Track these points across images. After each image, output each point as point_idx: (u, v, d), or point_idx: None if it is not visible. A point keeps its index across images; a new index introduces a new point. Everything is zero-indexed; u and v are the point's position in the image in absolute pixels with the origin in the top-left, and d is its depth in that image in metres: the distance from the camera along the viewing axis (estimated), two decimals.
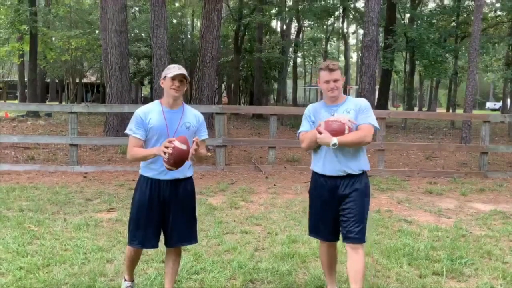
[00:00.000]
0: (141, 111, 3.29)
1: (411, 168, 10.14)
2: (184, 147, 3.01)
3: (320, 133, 3.22)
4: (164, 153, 2.99)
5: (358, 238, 3.29)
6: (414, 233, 5.39)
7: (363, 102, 3.43)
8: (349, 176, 3.34)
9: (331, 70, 3.32)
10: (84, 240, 4.82)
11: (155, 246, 3.36)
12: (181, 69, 3.26)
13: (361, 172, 3.39)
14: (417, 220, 6.03)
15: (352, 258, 3.30)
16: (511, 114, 18.48)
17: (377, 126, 3.41)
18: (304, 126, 3.48)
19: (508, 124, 19.72)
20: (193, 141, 3.10)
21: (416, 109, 42.51)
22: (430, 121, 25.73)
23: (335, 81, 3.32)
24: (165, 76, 3.25)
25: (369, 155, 11.04)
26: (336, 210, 3.36)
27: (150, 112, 3.26)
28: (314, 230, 3.52)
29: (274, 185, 8.20)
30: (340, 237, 3.44)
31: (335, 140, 3.16)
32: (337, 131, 3.18)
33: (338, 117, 3.26)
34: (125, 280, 3.61)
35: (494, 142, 15.07)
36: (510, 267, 4.35)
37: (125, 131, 3.32)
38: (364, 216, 3.36)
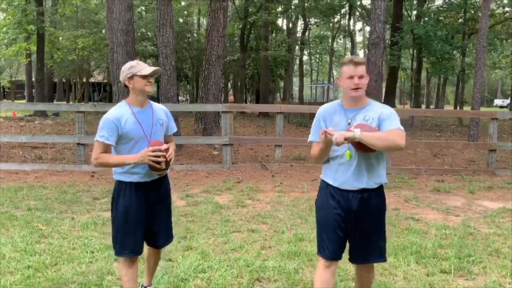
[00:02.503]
0: (112, 116, 3.04)
1: (418, 166, 10.08)
2: (164, 151, 3.03)
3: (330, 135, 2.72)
4: (159, 163, 2.99)
5: (381, 257, 3.06)
6: (421, 231, 5.37)
7: (387, 109, 2.90)
8: (363, 190, 2.92)
9: (356, 64, 2.82)
10: (91, 239, 4.84)
11: (142, 252, 3.26)
12: (152, 67, 3.15)
13: (377, 186, 2.99)
14: (425, 218, 6.00)
15: (363, 278, 3.14)
16: None
17: (403, 131, 2.84)
18: (314, 134, 2.98)
19: None
20: (169, 153, 3.05)
21: (423, 106, 42.30)
22: (438, 119, 25.56)
23: (361, 77, 2.82)
24: (133, 75, 3.05)
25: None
26: (345, 226, 2.96)
27: (122, 116, 3.06)
28: (326, 246, 3.00)
29: (281, 183, 8.19)
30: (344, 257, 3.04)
31: (358, 132, 2.67)
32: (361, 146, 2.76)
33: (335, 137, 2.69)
34: None
35: (502, 139, 14.94)
36: None
37: (96, 138, 3.05)
38: (384, 234, 3.08)
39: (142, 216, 3.16)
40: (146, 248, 3.40)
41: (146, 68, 3.09)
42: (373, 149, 2.78)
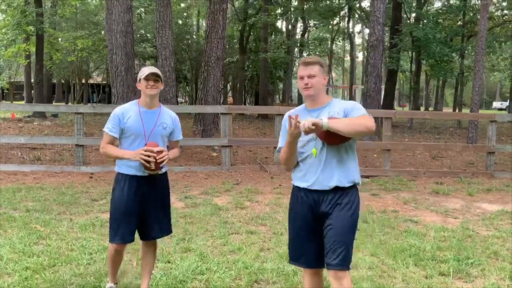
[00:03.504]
0: (119, 110, 3.39)
1: (417, 168, 10.09)
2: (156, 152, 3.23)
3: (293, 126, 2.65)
4: (148, 162, 3.22)
5: (340, 264, 2.71)
6: (420, 233, 5.36)
7: (351, 102, 2.90)
8: (336, 189, 2.78)
9: (306, 64, 2.82)
10: (90, 240, 4.83)
11: (133, 240, 3.46)
12: (153, 69, 3.39)
13: (351, 185, 2.83)
14: (424, 221, 6.00)
15: (334, 285, 2.76)
16: None
17: (370, 115, 2.79)
18: (281, 141, 2.94)
19: None
20: (163, 154, 3.27)
21: (422, 108, 42.34)
22: (437, 121, 25.60)
23: (310, 77, 2.79)
24: (140, 79, 3.35)
25: (375, 155, 11.09)
26: (320, 230, 2.82)
27: (128, 112, 3.37)
28: (295, 256, 2.95)
29: (280, 185, 8.18)
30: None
31: (325, 119, 2.62)
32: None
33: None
34: (108, 282, 3.65)
35: (501, 141, 14.96)
36: None
37: (103, 129, 3.43)
38: (349, 238, 2.77)
39: (134, 207, 3.36)
40: (141, 249, 3.55)
41: (145, 72, 3.35)
42: (341, 140, 2.72)
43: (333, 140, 2.72)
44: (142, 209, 3.40)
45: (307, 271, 2.97)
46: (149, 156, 3.22)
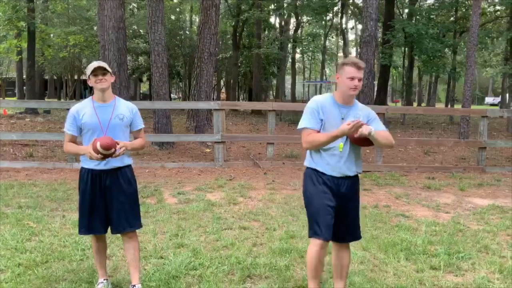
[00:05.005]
0: (74, 109, 3.48)
1: (409, 163, 10.15)
2: (109, 151, 3.26)
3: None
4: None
5: (358, 236, 3.44)
6: (411, 228, 5.41)
7: (371, 111, 3.36)
8: (347, 177, 3.30)
9: (359, 68, 3.15)
10: (82, 237, 4.82)
11: (102, 232, 3.56)
12: (100, 63, 3.43)
13: (356, 174, 3.36)
14: (415, 215, 6.05)
15: (346, 256, 3.43)
16: (509, 109, 18.49)
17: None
18: (311, 122, 3.23)
19: (506, 119, 19.72)
20: (119, 146, 3.31)
21: (415, 104, 42.50)
22: (429, 116, 25.73)
23: (360, 80, 3.15)
24: (89, 75, 3.40)
25: (367, 151, 11.14)
26: (334, 208, 3.23)
27: (82, 109, 3.45)
28: (322, 227, 3.20)
29: (273, 181, 8.21)
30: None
31: (373, 130, 3.09)
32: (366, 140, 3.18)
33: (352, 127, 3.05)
34: (99, 277, 3.69)
35: (492, 137, 15.08)
36: (507, 261, 4.37)
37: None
38: (359, 216, 3.47)
39: (97, 201, 3.47)
40: (123, 245, 3.65)
41: (91, 67, 3.40)
42: (368, 145, 3.23)
43: (361, 143, 3.24)
44: (107, 202, 3.48)
45: (320, 243, 3.20)
46: (97, 154, 3.26)
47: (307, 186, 3.33)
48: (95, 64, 3.41)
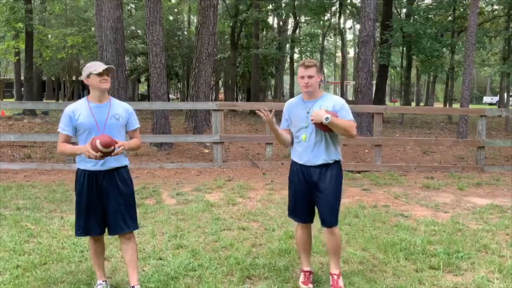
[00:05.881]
0: (69, 109, 3.46)
1: (408, 163, 10.15)
2: (108, 149, 3.24)
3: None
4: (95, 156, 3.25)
5: (332, 222, 3.64)
6: (411, 227, 5.41)
7: (340, 100, 3.67)
8: (322, 165, 3.62)
9: (306, 67, 3.58)
10: (81, 238, 4.80)
11: (99, 234, 3.57)
12: (103, 65, 3.45)
13: (333, 161, 3.66)
14: (414, 215, 6.05)
15: (330, 239, 3.72)
16: (507, 108, 18.51)
17: (355, 122, 3.67)
18: (282, 124, 3.84)
19: (505, 118, 19.73)
20: (118, 144, 3.31)
21: (413, 104, 42.49)
22: (427, 116, 25.73)
23: (309, 77, 3.57)
24: (90, 74, 3.40)
25: (366, 150, 11.14)
26: (310, 195, 3.67)
27: (78, 109, 3.44)
28: (293, 212, 3.83)
29: (272, 181, 8.20)
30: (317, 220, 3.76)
31: (328, 115, 3.44)
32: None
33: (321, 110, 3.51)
34: (97, 279, 3.67)
35: (491, 136, 15.09)
36: (507, 261, 4.36)
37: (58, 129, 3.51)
38: (336, 202, 3.67)
39: (94, 202, 3.47)
40: (121, 246, 3.63)
41: (100, 67, 3.41)
42: (328, 130, 3.55)
43: (325, 129, 3.55)
44: (103, 203, 3.47)
45: (300, 225, 3.85)
46: (96, 152, 3.23)
47: (289, 175, 3.82)
48: (101, 65, 3.42)
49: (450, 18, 24.24)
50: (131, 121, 3.60)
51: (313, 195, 3.66)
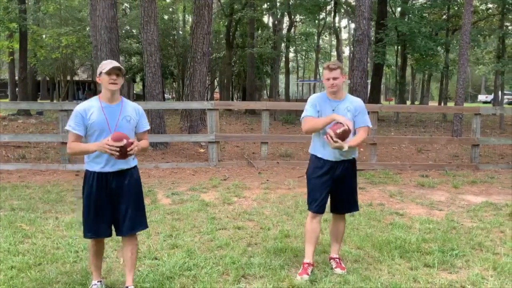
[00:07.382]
0: (81, 108, 3.35)
1: (403, 162, 10.18)
2: (122, 143, 3.17)
3: (331, 138, 3.74)
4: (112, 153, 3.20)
5: (357, 207, 4.19)
6: (406, 226, 5.42)
7: (360, 103, 4.00)
8: (344, 161, 3.98)
9: (331, 69, 3.87)
10: (76, 239, 4.80)
11: (108, 235, 3.52)
12: (114, 63, 3.36)
13: (352, 158, 4.04)
14: (409, 213, 6.07)
15: (341, 224, 4.16)
16: (502, 107, 18.59)
17: (371, 125, 4.12)
18: (310, 111, 3.98)
19: (499, 117, 19.83)
20: (133, 145, 3.24)
21: (408, 102, 42.63)
22: (422, 114, 25.81)
23: (334, 78, 3.87)
24: (101, 73, 3.33)
25: (361, 149, 11.14)
26: (331, 187, 3.97)
27: (90, 109, 3.35)
28: (318, 205, 3.96)
29: (267, 180, 8.20)
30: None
31: (346, 146, 3.76)
32: (343, 136, 3.72)
33: (340, 119, 3.76)
34: (92, 279, 3.66)
35: (485, 134, 15.15)
36: (501, 258, 4.39)
37: (65, 127, 3.40)
38: (356, 192, 4.15)
39: (104, 204, 3.40)
40: (121, 246, 3.55)
41: (109, 65, 3.33)
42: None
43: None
44: (113, 205, 3.42)
45: (319, 217, 4.02)
46: (115, 148, 3.18)
47: (309, 169, 4.07)
48: (110, 63, 3.33)
49: (444, 16, 24.33)
50: (141, 122, 3.53)
51: (335, 188, 3.98)
